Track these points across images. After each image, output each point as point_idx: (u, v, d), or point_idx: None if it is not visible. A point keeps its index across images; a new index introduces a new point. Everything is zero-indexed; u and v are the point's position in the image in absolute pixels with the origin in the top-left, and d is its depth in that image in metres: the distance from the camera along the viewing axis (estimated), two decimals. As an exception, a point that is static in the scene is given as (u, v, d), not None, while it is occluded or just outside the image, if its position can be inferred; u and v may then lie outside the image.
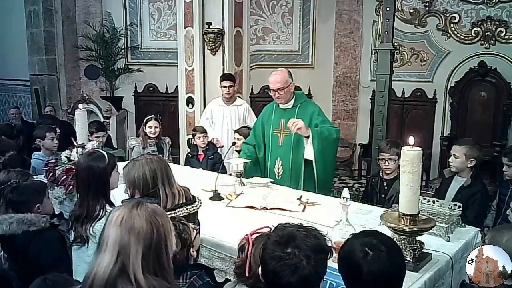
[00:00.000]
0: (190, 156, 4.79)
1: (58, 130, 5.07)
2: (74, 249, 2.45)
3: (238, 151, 4.19)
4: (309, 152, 3.37)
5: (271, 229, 1.58)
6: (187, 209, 2.15)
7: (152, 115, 4.67)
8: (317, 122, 3.47)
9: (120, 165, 2.57)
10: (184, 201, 2.21)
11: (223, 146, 4.95)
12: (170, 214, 2.04)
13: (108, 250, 1.33)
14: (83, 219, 2.36)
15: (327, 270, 1.52)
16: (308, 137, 3.36)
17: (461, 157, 3.27)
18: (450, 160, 3.36)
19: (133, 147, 4.64)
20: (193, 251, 1.83)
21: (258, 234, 1.67)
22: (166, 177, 2.21)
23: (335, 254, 2.11)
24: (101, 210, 2.32)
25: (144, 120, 4.68)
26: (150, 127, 4.56)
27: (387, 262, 1.52)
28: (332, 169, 3.68)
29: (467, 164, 3.28)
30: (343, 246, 1.65)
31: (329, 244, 1.51)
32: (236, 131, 4.57)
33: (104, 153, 2.55)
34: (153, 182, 2.18)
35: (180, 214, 2.12)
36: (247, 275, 1.58)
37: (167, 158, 4.43)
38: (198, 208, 2.23)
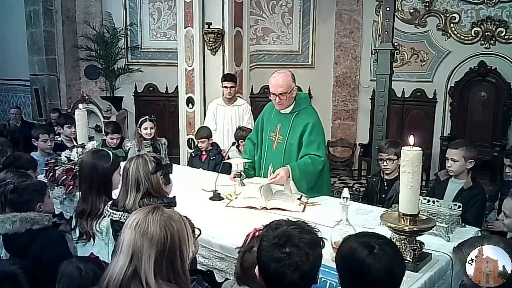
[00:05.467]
0: (193, 155, 4.76)
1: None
2: (79, 246, 2.46)
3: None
4: (293, 187, 3.14)
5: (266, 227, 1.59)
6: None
7: (147, 116, 4.62)
8: (305, 140, 3.23)
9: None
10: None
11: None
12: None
13: (122, 253, 1.36)
14: (88, 215, 2.36)
15: (328, 270, 1.53)
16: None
17: (460, 160, 3.18)
18: (448, 164, 3.26)
19: (129, 149, 4.60)
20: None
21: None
22: (136, 182, 2.17)
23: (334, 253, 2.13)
24: (105, 208, 2.32)
25: (139, 121, 4.63)
26: (145, 128, 4.52)
27: (393, 255, 1.55)
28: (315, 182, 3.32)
29: (466, 166, 3.21)
30: (341, 249, 1.63)
31: (320, 235, 1.55)
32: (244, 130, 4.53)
33: (110, 152, 2.56)
34: (125, 181, 2.21)
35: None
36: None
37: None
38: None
